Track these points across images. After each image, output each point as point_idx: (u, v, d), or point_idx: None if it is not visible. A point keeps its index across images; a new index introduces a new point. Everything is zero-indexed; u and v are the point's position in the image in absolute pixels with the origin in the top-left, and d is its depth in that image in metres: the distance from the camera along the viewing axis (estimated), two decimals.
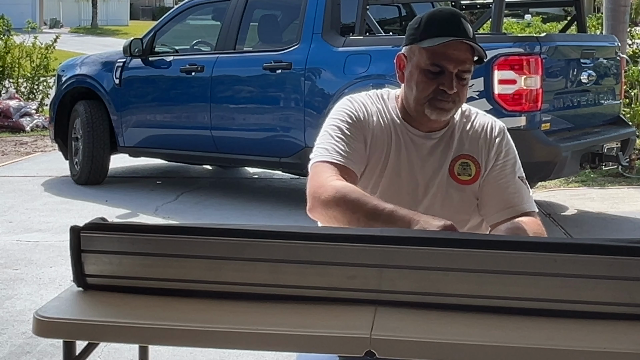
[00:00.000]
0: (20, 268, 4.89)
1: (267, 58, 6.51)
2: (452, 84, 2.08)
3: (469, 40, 2.07)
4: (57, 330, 1.63)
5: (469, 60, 2.10)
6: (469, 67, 2.10)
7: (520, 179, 2.19)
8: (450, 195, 2.16)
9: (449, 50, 2.06)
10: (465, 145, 2.19)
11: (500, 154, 2.19)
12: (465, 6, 8.47)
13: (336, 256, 1.65)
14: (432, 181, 2.17)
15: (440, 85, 2.08)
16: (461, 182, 2.17)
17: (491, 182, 2.17)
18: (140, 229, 1.74)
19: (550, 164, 5.54)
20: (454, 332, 1.54)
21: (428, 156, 2.18)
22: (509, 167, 2.18)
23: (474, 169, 2.17)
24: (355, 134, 2.14)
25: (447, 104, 2.11)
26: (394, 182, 2.16)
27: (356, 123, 2.16)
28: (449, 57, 2.07)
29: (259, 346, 1.63)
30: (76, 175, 7.48)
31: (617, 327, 1.56)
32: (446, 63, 2.07)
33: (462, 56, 2.08)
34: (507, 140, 2.22)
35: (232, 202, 6.71)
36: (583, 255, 1.60)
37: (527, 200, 2.17)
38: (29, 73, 12.68)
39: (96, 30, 40.96)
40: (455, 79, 2.09)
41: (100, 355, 3.54)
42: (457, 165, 2.17)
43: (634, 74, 8.92)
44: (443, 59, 2.07)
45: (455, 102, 2.12)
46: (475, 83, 5.44)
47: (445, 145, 2.19)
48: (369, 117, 2.17)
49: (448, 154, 2.18)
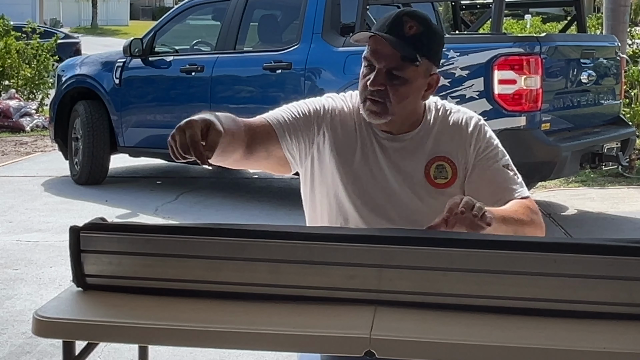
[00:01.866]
0: (20, 268, 4.89)
1: (267, 58, 6.51)
2: (376, 80, 2.00)
3: (387, 37, 1.98)
4: (57, 331, 1.63)
5: (394, 58, 2.00)
6: (396, 65, 2.00)
7: (505, 167, 2.11)
8: (433, 198, 2.09)
9: (376, 46, 2.02)
10: (440, 147, 2.11)
11: (480, 149, 2.11)
12: (465, 6, 8.48)
13: (336, 256, 1.65)
14: (409, 186, 2.10)
15: (367, 81, 2.03)
16: (438, 185, 2.10)
17: (477, 179, 2.09)
18: (140, 229, 1.74)
19: (550, 164, 5.54)
20: (453, 332, 1.54)
21: (399, 159, 2.11)
22: (491, 160, 2.11)
23: (450, 171, 2.10)
24: (307, 122, 2.09)
25: (375, 106, 2.02)
26: (369, 185, 2.09)
27: (316, 116, 2.10)
28: (375, 52, 2.02)
29: (259, 346, 1.63)
30: (76, 175, 7.48)
31: (617, 327, 1.56)
32: (373, 58, 2.02)
33: (386, 52, 2.00)
34: (485, 133, 2.14)
35: (232, 202, 6.70)
36: (583, 255, 1.60)
37: (515, 188, 2.09)
38: (29, 73, 12.69)
39: (96, 30, 40.99)
40: (387, 78, 2.01)
41: (100, 355, 3.54)
42: (432, 168, 2.10)
43: (634, 74, 8.92)
44: (372, 54, 2.03)
45: (386, 103, 2.02)
46: (475, 83, 5.45)
47: (417, 148, 2.11)
48: (337, 116, 2.12)
49: (422, 157, 2.11)
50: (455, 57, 5.51)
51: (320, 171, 2.13)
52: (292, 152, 2.09)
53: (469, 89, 5.45)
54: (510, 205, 2.04)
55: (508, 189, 2.09)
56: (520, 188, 2.11)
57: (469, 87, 5.46)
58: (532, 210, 2.06)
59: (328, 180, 2.12)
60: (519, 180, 2.13)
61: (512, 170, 2.13)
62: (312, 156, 2.13)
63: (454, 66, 5.50)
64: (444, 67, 5.51)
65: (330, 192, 2.12)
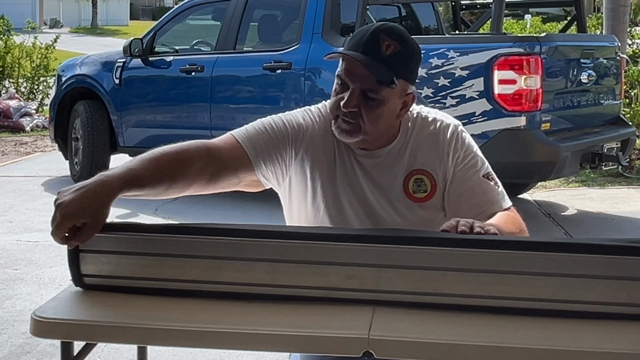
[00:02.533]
0: (20, 268, 4.89)
1: (267, 58, 6.51)
2: (350, 101, 1.92)
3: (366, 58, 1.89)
4: (55, 331, 1.63)
5: (368, 80, 1.91)
6: (371, 87, 1.91)
7: (486, 178, 2.03)
8: (414, 213, 2.03)
9: (350, 65, 1.93)
10: (417, 159, 2.03)
11: (459, 159, 2.03)
12: (465, 6, 8.48)
13: (335, 256, 1.65)
14: (387, 202, 2.03)
15: (340, 100, 1.94)
16: (417, 200, 2.02)
17: (456, 190, 2.02)
18: (139, 229, 1.74)
19: (550, 164, 5.54)
20: (452, 332, 1.54)
21: (377, 176, 2.03)
22: (471, 170, 2.03)
23: (429, 184, 2.03)
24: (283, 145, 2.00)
25: (346, 125, 1.95)
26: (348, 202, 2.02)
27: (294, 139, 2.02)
28: (348, 71, 1.93)
29: (258, 346, 1.63)
30: (76, 175, 7.48)
31: (616, 327, 1.56)
32: (347, 77, 1.93)
33: (360, 72, 1.91)
34: (462, 140, 2.05)
35: (232, 202, 6.70)
36: (582, 255, 1.59)
37: (496, 200, 2.02)
38: (29, 73, 12.69)
39: (96, 30, 40.97)
40: (361, 98, 1.92)
41: (100, 355, 3.54)
42: (410, 182, 2.03)
43: (634, 74, 8.92)
44: (345, 73, 1.93)
45: (358, 122, 1.94)
46: (475, 83, 5.45)
47: (395, 162, 2.04)
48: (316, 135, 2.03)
49: (399, 172, 2.03)
50: (455, 57, 5.51)
51: (299, 191, 2.06)
52: (267, 176, 2.02)
53: (469, 89, 5.45)
54: (499, 219, 1.97)
55: (490, 201, 2.02)
56: (501, 199, 2.04)
57: (469, 87, 5.45)
58: (518, 221, 2.00)
59: (308, 200, 2.05)
60: (500, 190, 2.05)
61: (492, 179, 2.05)
62: (290, 178, 2.05)
63: (454, 66, 5.50)
64: (444, 67, 5.52)
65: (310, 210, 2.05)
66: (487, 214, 1.99)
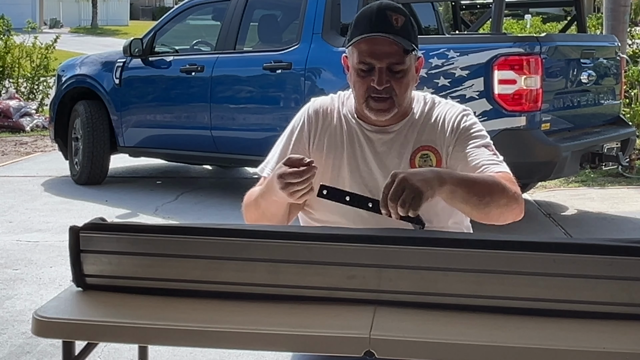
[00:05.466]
0: (20, 268, 4.89)
1: (267, 58, 6.51)
2: (381, 79, 2.05)
3: (386, 35, 2.04)
4: (56, 331, 1.63)
5: (396, 53, 2.05)
6: (399, 60, 2.06)
7: (485, 147, 2.11)
8: None
9: (373, 46, 2.05)
10: (424, 136, 2.14)
11: (462, 131, 2.13)
12: (465, 6, 8.48)
13: (335, 256, 1.65)
14: None
15: (371, 82, 2.06)
16: None
17: (455, 158, 2.11)
18: (139, 229, 1.74)
19: (550, 164, 5.53)
20: (453, 332, 1.54)
21: (386, 151, 2.14)
22: (472, 140, 2.11)
23: (434, 160, 2.13)
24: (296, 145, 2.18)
25: (382, 104, 2.08)
26: (355, 180, 2.14)
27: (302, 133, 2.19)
28: (373, 53, 2.05)
29: (259, 346, 1.63)
30: (76, 175, 7.48)
31: (617, 327, 1.56)
32: (372, 59, 2.06)
33: (387, 50, 2.05)
34: (469, 119, 2.15)
35: (232, 202, 6.68)
36: (583, 255, 1.60)
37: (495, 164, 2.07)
38: (29, 73, 12.69)
39: (96, 30, 40.97)
40: (388, 74, 2.06)
41: (100, 355, 3.54)
42: (417, 157, 2.13)
43: (634, 74, 8.92)
44: (369, 55, 2.06)
45: (392, 97, 2.08)
46: (475, 83, 5.44)
47: (404, 139, 2.14)
48: (322, 121, 2.19)
49: (407, 147, 2.14)
50: (455, 57, 5.51)
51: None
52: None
53: (469, 89, 5.45)
54: (481, 173, 2.02)
55: (486, 165, 2.07)
56: (499, 164, 2.08)
57: (469, 87, 5.45)
58: (508, 180, 2.02)
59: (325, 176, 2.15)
60: (499, 159, 2.11)
61: (492, 150, 2.13)
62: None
63: (454, 66, 5.50)
64: (444, 67, 5.52)
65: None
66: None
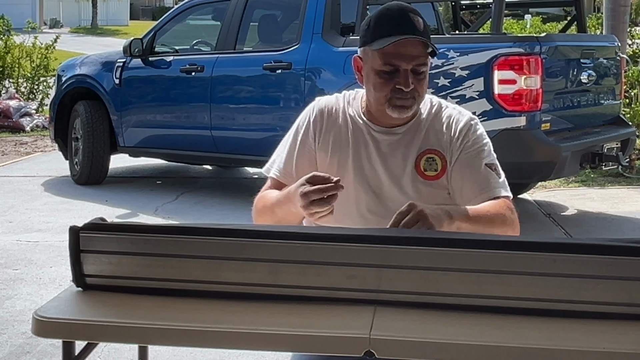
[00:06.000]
0: (20, 268, 4.89)
1: (267, 58, 6.51)
2: (408, 81, 2.06)
3: (418, 37, 2.05)
4: (57, 330, 1.63)
5: (422, 55, 2.07)
6: (423, 61, 2.08)
7: (488, 166, 2.14)
8: (419, 190, 2.13)
9: (400, 49, 2.05)
10: (430, 140, 2.16)
11: (467, 145, 2.14)
12: (465, 6, 8.48)
13: (335, 256, 1.65)
14: (398, 177, 2.15)
15: (396, 84, 2.07)
16: (428, 177, 2.14)
17: (458, 172, 2.13)
18: (139, 229, 1.74)
19: (550, 164, 5.54)
20: (453, 332, 1.54)
21: (391, 152, 2.16)
22: (476, 156, 2.14)
23: (440, 164, 2.14)
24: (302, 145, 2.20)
25: (406, 101, 2.09)
26: (359, 180, 2.15)
27: (307, 132, 2.20)
28: (400, 55, 2.06)
29: (259, 346, 1.63)
30: (76, 175, 7.48)
31: (617, 327, 1.56)
32: (399, 61, 2.06)
33: (414, 52, 2.06)
34: (475, 130, 2.17)
35: (232, 202, 6.70)
36: (583, 255, 1.60)
37: (495, 186, 2.12)
38: (29, 73, 12.69)
39: (96, 30, 40.98)
40: (412, 75, 2.07)
41: (100, 355, 3.54)
42: (422, 160, 2.15)
43: (634, 74, 8.92)
44: (395, 57, 2.06)
45: (415, 97, 2.10)
46: (475, 83, 5.44)
47: (409, 140, 2.16)
48: (327, 120, 2.20)
49: (413, 149, 2.16)
50: (455, 57, 5.51)
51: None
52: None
53: (469, 89, 5.45)
54: (483, 205, 2.07)
55: (488, 187, 2.11)
56: (498, 188, 2.13)
57: (469, 87, 5.45)
58: (507, 208, 2.08)
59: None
60: (502, 180, 2.15)
61: (495, 170, 2.15)
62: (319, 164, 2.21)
63: (454, 66, 5.50)
64: (444, 67, 5.52)
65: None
66: (483, 198, 2.09)
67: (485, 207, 2.06)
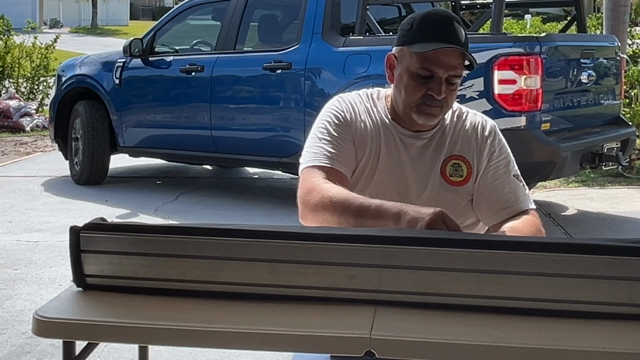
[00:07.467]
0: (20, 268, 4.89)
1: (267, 58, 6.51)
2: (441, 89, 2.05)
3: (460, 48, 2.05)
4: (57, 330, 1.63)
5: (460, 66, 2.07)
6: (459, 73, 2.08)
7: (515, 177, 2.17)
8: (443, 196, 2.14)
9: (441, 56, 2.04)
10: (457, 146, 2.17)
11: (494, 155, 2.17)
12: (465, 6, 8.48)
13: (336, 256, 1.65)
14: (424, 182, 2.15)
15: (429, 90, 2.06)
16: (453, 183, 2.15)
17: (486, 184, 2.15)
18: (139, 229, 1.74)
19: (550, 164, 5.54)
20: (453, 332, 1.54)
21: (418, 156, 2.16)
22: (502, 167, 2.16)
23: (465, 170, 2.15)
24: (342, 134, 2.12)
25: (434, 109, 2.08)
26: (384, 182, 2.14)
27: (343, 123, 2.14)
28: (440, 62, 2.04)
29: (259, 346, 1.63)
30: (76, 175, 7.48)
31: (617, 327, 1.56)
32: (437, 68, 2.05)
33: (454, 62, 2.06)
34: (499, 139, 2.20)
35: (232, 202, 6.71)
36: (583, 255, 1.59)
37: (523, 199, 2.15)
38: (29, 73, 12.68)
39: (96, 30, 40.98)
40: (445, 84, 2.06)
41: (100, 355, 3.54)
42: (448, 166, 2.15)
43: (634, 74, 8.92)
44: (434, 64, 2.04)
45: (442, 107, 2.09)
46: (475, 83, 5.44)
47: (436, 146, 2.17)
48: (356, 116, 2.16)
49: (439, 155, 2.16)
50: None
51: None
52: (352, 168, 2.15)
53: (469, 89, 5.45)
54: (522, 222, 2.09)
55: (515, 200, 2.14)
56: (526, 200, 2.16)
57: (469, 87, 5.45)
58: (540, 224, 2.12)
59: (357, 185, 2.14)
60: (527, 192, 2.18)
61: (520, 181, 2.18)
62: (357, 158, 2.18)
63: None
64: None
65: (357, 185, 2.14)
66: (512, 211, 2.12)
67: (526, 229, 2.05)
